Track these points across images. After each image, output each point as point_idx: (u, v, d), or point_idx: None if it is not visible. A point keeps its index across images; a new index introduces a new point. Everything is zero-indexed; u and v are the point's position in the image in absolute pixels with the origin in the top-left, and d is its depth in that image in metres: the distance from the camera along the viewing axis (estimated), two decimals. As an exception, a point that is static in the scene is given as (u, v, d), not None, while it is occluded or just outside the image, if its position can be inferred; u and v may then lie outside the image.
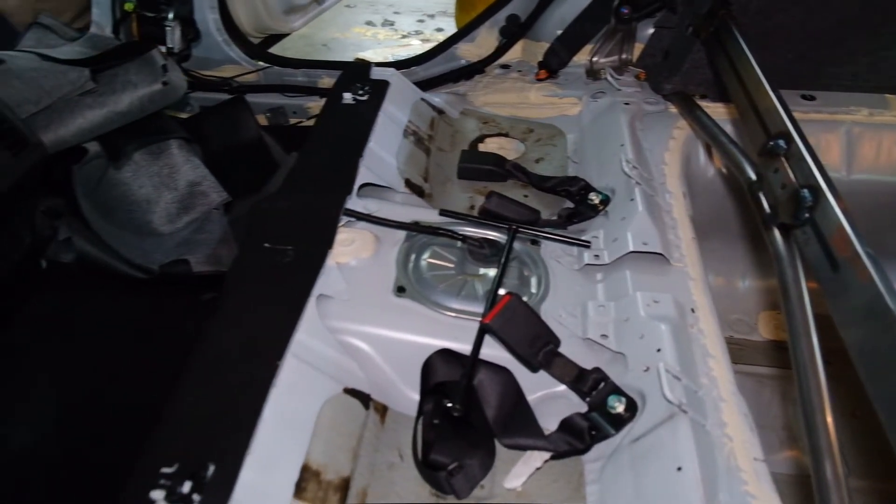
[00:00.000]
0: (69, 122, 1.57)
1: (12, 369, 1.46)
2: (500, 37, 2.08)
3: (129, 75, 1.74)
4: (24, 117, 1.45)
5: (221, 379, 0.98)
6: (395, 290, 1.21)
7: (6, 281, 1.44)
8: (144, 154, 1.77)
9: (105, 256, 1.60)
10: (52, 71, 1.64)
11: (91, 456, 1.34)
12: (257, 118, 2.31)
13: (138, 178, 1.74)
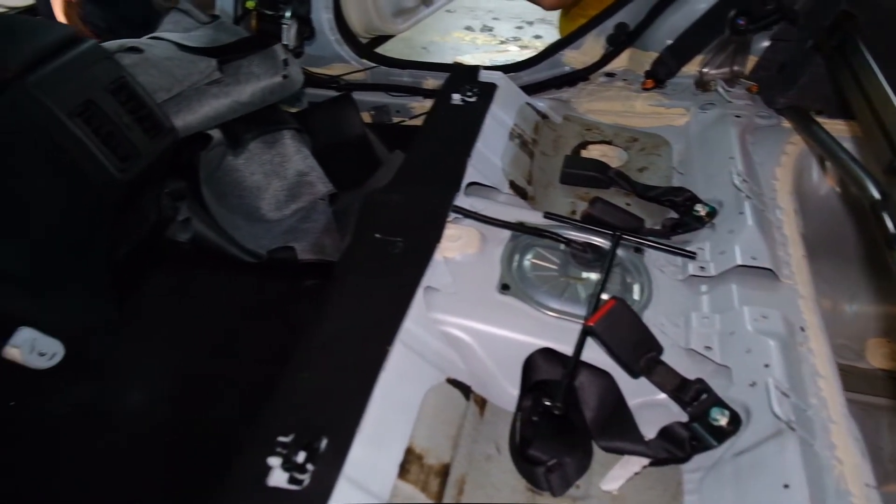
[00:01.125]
0: (196, 109, 1.67)
1: (134, 336, 1.57)
2: (606, 45, 2.08)
3: (252, 67, 1.84)
4: (158, 103, 1.55)
5: (335, 359, 1.03)
6: (499, 288, 1.23)
7: (132, 256, 1.54)
8: (259, 143, 1.86)
9: (219, 239, 1.69)
10: (184, 60, 1.75)
11: (201, 420, 1.43)
12: (362, 115, 2.39)
13: (250, 166, 1.83)
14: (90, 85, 1.31)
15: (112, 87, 1.35)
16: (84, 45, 1.36)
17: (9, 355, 1.49)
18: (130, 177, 1.32)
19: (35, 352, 1.51)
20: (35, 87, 1.22)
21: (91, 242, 1.43)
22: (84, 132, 1.26)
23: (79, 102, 1.27)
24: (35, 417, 1.44)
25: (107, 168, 1.28)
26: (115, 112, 1.33)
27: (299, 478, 0.87)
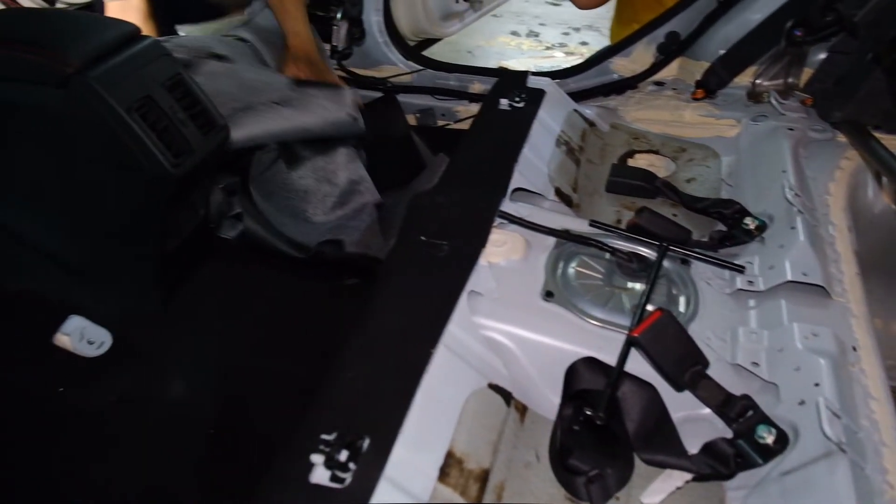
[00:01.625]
0: (262, 124, 1.72)
1: (179, 329, 1.60)
2: (657, 53, 2.06)
3: (322, 100, 1.89)
4: (228, 113, 1.59)
5: (379, 359, 1.04)
6: (543, 295, 1.23)
7: (181, 249, 1.57)
8: (313, 150, 1.90)
9: (268, 234, 1.72)
10: (262, 74, 1.83)
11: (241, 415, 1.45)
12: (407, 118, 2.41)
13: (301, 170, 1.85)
14: (148, 81, 1.34)
15: (169, 83, 1.38)
16: (144, 42, 1.39)
17: (59, 342, 1.54)
18: (183, 172, 1.34)
19: (84, 340, 1.55)
20: (96, 81, 1.25)
21: (143, 235, 1.47)
22: (141, 127, 1.29)
23: (137, 98, 1.30)
24: (81, 404, 1.48)
25: (161, 163, 1.31)
26: (171, 108, 1.36)
27: (341, 476, 0.88)
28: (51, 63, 1.25)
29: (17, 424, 1.43)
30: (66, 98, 1.26)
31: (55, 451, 1.39)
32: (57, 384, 1.49)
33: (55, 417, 1.45)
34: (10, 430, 1.41)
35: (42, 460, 1.36)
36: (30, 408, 1.46)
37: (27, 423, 1.43)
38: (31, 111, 1.31)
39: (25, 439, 1.40)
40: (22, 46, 1.28)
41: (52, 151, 1.38)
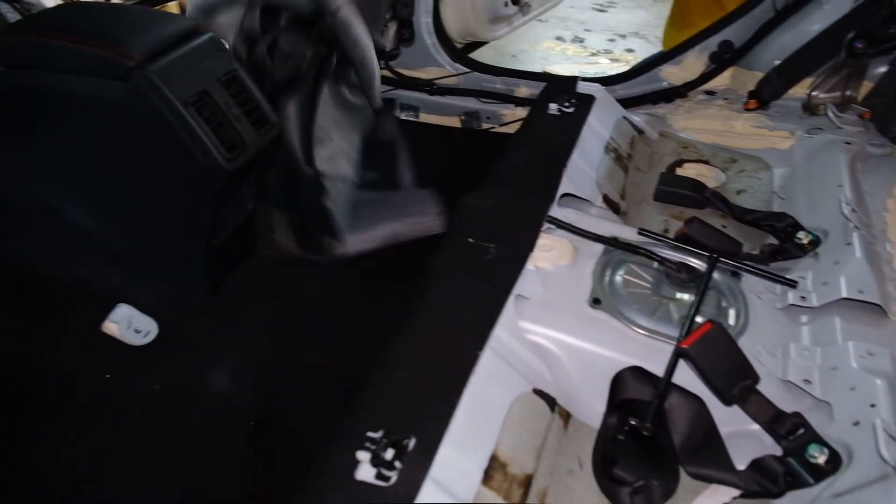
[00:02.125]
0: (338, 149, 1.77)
1: (223, 321, 1.62)
2: (709, 62, 2.03)
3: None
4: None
5: (425, 359, 1.04)
6: (590, 302, 1.22)
7: (227, 242, 1.59)
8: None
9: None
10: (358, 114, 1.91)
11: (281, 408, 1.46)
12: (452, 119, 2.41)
13: None
14: (205, 76, 1.37)
15: (224, 79, 1.40)
16: (202, 38, 1.41)
17: (108, 330, 1.57)
18: (236, 166, 1.36)
19: (132, 328, 1.58)
20: (155, 75, 1.28)
21: (193, 227, 1.49)
22: (196, 121, 1.31)
23: (194, 92, 1.33)
24: (126, 391, 1.50)
25: (215, 157, 1.33)
26: (226, 103, 1.38)
27: (387, 474, 0.88)
28: (113, 57, 1.28)
29: (64, 408, 1.45)
30: (127, 91, 1.29)
31: (98, 436, 1.41)
32: (104, 371, 1.52)
33: (101, 403, 1.47)
34: (56, 413, 1.44)
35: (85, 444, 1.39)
36: (77, 392, 1.49)
37: (73, 407, 1.46)
38: (92, 102, 1.34)
39: (71, 423, 1.43)
40: (86, 40, 1.31)
41: (109, 142, 1.41)
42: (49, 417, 1.43)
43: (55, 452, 1.37)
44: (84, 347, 1.55)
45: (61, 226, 1.62)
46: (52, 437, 1.40)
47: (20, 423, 1.41)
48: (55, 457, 1.36)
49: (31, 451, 1.36)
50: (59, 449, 1.38)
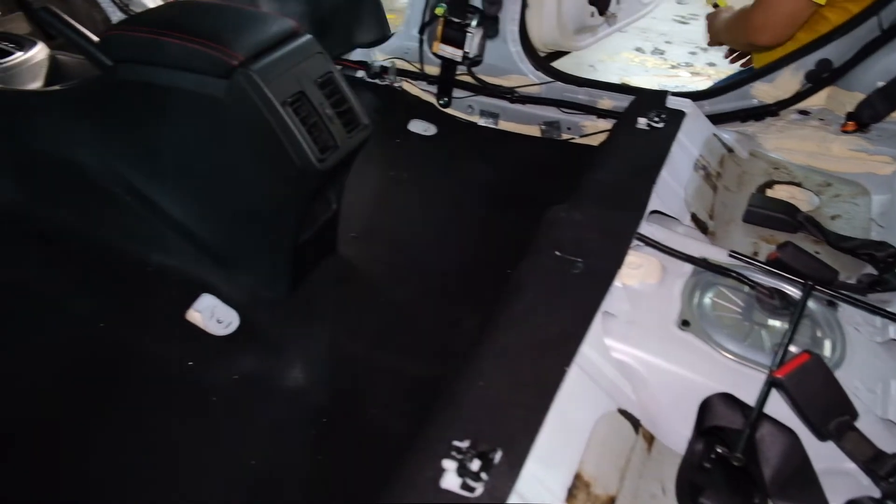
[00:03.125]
0: None
1: (301, 318, 1.65)
2: (804, 81, 1.96)
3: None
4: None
5: (512, 371, 1.03)
6: (678, 323, 1.19)
7: (311, 241, 1.62)
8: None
9: None
10: None
11: (354, 408, 1.47)
12: (532, 128, 2.40)
13: None
14: (303, 77, 1.39)
15: (320, 80, 1.43)
16: (302, 39, 1.44)
17: (192, 318, 1.61)
18: (328, 167, 1.39)
19: (214, 318, 1.62)
20: (257, 75, 1.31)
21: (281, 224, 1.52)
22: (293, 121, 1.33)
23: (292, 93, 1.35)
24: (206, 379, 1.54)
25: (308, 156, 1.35)
26: (321, 104, 1.40)
27: (472, 485, 0.88)
28: (218, 55, 1.32)
29: (148, 390, 1.50)
30: (229, 88, 1.33)
31: (178, 420, 1.45)
32: (186, 358, 1.56)
33: (182, 389, 1.51)
34: (141, 396, 1.48)
35: (165, 427, 1.43)
36: (160, 377, 1.53)
37: (157, 390, 1.50)
38: (195, 98, 1.38)
39: (154, 406, 1.47)
40: (193, 38, 1.35)
41: (208, 138, 1.45)
42: (133, 398, 1.48)
43: (136, 433, 1.41)
44: (168, 334, 1.60)
45: (155, 215, 1.68)
46: (134, 417, 1.44)
47: (105, 402, 1.45)
48: (135, 437, 1.40)
49: (113, 429, 1.40)
50: (140, 430, 1.42)
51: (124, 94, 1.50)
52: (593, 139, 2.31)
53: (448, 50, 2.40)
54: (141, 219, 1.69)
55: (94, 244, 1.75)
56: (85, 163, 1.69)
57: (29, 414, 1.41)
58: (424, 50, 2.50)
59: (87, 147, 1.67)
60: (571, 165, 2.22)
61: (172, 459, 1.37)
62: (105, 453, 1.36)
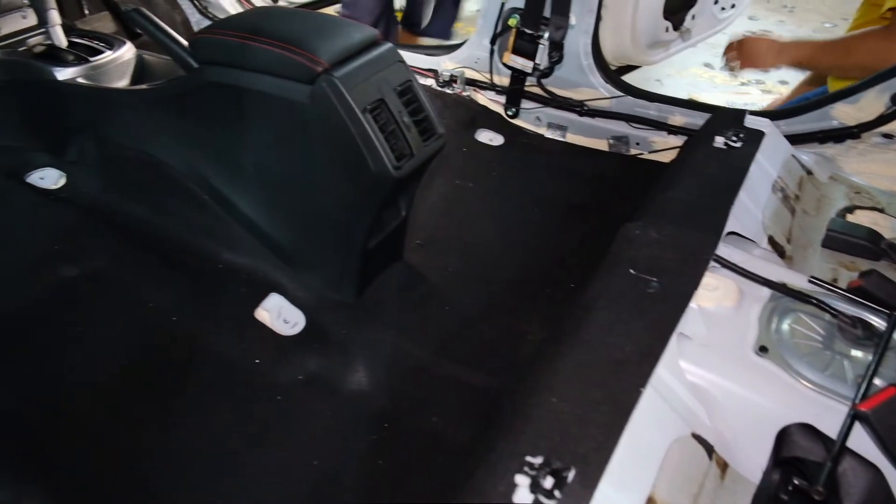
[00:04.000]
0: None
1: (365, 322, 1.66)
2: (890, 103, 1.89)
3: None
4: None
5: (585, 389, 1.02)
6: (756, 349, 1.16)
7: (379, 246, 1.64)
8: None
9: None
10: None
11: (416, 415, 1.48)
12: (600, 142, 2.38)
13: None
14: (383, 85, 1.41)
15: (399, 88, 1.44)
16: (383, 48, 1.47)
17: (260, 317, 1.65)
18: (403, 174, 1.40)
19: (281, 318, 1.65)
20: (341, 81, 1.33)
21: (352, 229, 1.54)
22: (372, 128, 1.35)
23: (372, 100, 1.38)
24: (271, 378, 1.56)
25: (385, 163, 1.37)
26: (399, 112, 1.42)
27: (544, 503, 0.87)
28: (303, 61, 1.35)
29: (216, 385, 1.53)
30: (312, 94, 1.36)
31: (242, 419, 1.48)
32: (253, 355, 1.59)
33: (249, 386, 1.54)
34: (206, 391, 1.52)
35: (228, 426, 1.45)
36: (228, 372, 1.56)
37: (224, 385, 1.53)
38: (278, 102, 1.42)
39: (220, 401, 1.50)
40: (278, 43, 1.38)
41: (288, 141, 1.49)
42: (200, 393, 1.51)
43: (202, 427, 1.45)
44: (237, 331, 1.63)
45: (229, 214, 1.72)
46: (201, 412, 1.48)
47: (173, 395, 1.49)
48: (201, 431, 1.44)
49: (179, 422, 1.44)
50: (205, 425, 1.45)
51: (209, 96, 1.54)
52: (663, 156, 2.28)
53: (519, 61, 2.40)
54: (216, 217, 1.74)
55: (170, 239, 1.80)
56: (166, 160, 1.75)
57: (99, 400, 1.46)
58: (495, 60, 2.50)
59: (169, 145, 1.73)
60: (640, 181, 2.20)
61: (235, 456, 1.40)
62: (169, 445, 1.40)
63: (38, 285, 1.66)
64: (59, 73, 1.85)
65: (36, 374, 1.48)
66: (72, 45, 1.99)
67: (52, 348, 1.54)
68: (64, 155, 1.97)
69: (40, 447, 1.36)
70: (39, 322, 1.59)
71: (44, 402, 1.44)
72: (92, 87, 1.84)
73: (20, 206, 1.88)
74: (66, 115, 1.90)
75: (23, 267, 1.70)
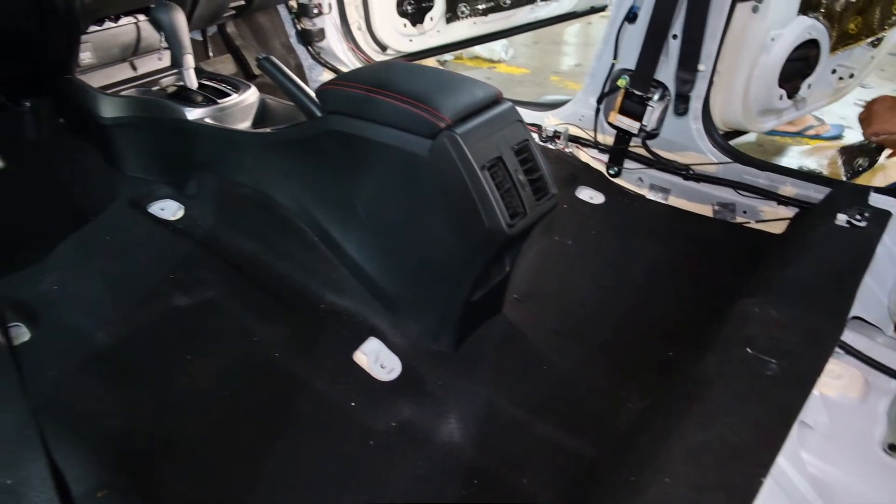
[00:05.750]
0: None
1: (460, 373, 1.66)
2: None
3: None
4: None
5: (700, 474, 0.98)
6: (884, 446, 1.09)
7: (482, 299, 1.64)
8: None
9: None
10: None
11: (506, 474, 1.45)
12: (704, 207, 2.33)
13: None
14: (502, 143, 1.44)
15: (517, 147, 1.46)
16: (503, 107, 1.49)
17: (358, 360, 1.67)
18: (515, 232, 1.41)
19: (378, 363, 1.67)
20: (462, 138, 1.36)
21: (457, 281, 1.55)
22: (489, 185, 1.37)
23: (491, 157, 1.40)
24: (366, 422, 1.57)
25: (499, 220, 1.38)
26: (515, 171, 1.44)
27: (659, 590, 0.84)
28: (427, 116, 1.39)
29: (309, 427, 1.55)
30: (433, 148, 1.39)
31: (334, 460, 1.49)
32: (349, 398, 1.61)
33: (342, 429, 1.56)
34: (301, 430, 1.54)
35: (320, 466, 1.46)
36: (323, 412, 1.58)
37: (317, 427, 1.55)
38: (398, 154, 1.46)
39: (312, 442, 1.52)
40: (404, 98, 1.43)
41: (403, 190, 1.52)
42: (295, 431, 1.53)
43: (294, 465, 1.46)
44: (335, 372, 1.66)
45: (336, 256, 1.77)
46: (294, 450, 1.49)
47: (269, 430, 1.52)
48: (294, 468, 1.45)
49: (272, 458, 1.46)
50: (297, 463, 1.47)
51: (330, 143, 1.60)
52: (772, 226, 2.21)
53: (625, 121, 2.40)
54: (323, 258, 1.79)
55: (278, 276, 1.86)
56: (281, 201, 1.82)
57: (200, 428, 1.50)
58: (600, 119, 2.51)
59: (284, 186, 1.80)
60: (746, 251, 2.14)
61: (325, 497, 1.40)
62: (262, 478, 1.42)
63: (153, 311, 1.74)
64: (189, 112, 1.97)
65: (144, 398, 1.54)
66: (201, 87, 2.11)
67: (161, 374, 1.60)
68: (184, 188, 2.08)
69: (144, 469, 1.41)
70: (151, 347, 1.66)
71: (149, 426, 1.49)
72: (217, 128, 1.94)
73: (141, 234, 1.98)
74: (191, 152, 2.01)
75: (140, 293, 1.79)
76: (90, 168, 2.17)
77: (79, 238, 1.91)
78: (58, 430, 1.41)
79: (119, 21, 2.09)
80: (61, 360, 1.57)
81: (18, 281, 1.75)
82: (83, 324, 1.67)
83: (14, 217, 1.93)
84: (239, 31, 3.03)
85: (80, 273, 1.80)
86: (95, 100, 2.02)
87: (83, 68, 2.08)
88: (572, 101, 2.60)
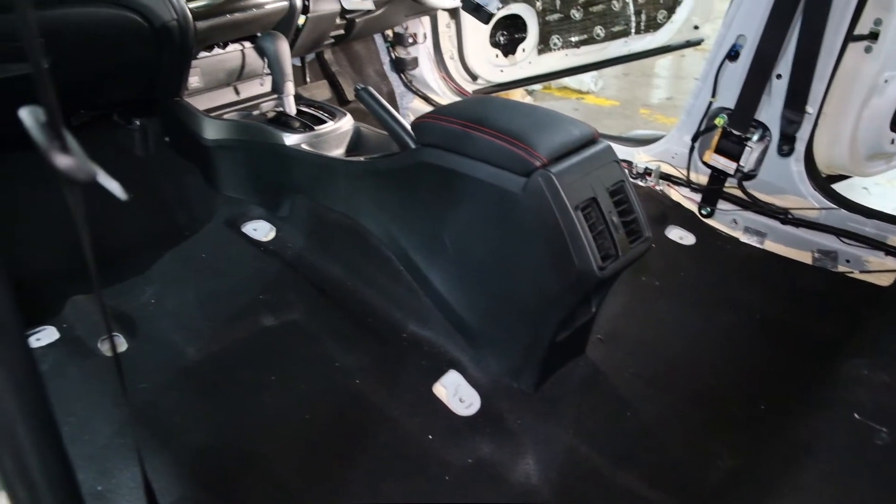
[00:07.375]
0: None
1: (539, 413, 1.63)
2: None
3: None
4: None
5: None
6: None
7: (566, 340, 1.61)
8: None
9: None
10: None
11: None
12: (803, 254, 2.23)
13: None
14: (596, 183, 1.41)
15: (611, 188, 1.44)
16: (599, 147, 1.47)
17: (437, 392, 1.66)
18: (606, 274, 1.38)
19: (457, 396, 1.66)
20: (557, 177, 1.35)
21: (544, 320, 1.53)
22: (582, 226, 1.35)
23: (585, 198, 1.38)
24: (442, 457, 1.56)
25: (590, 262, 1.35)
26: (609, 212, 1.41)
27: None
28: (522, 154, 1.38)
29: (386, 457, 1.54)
30: (527, 187, 1.38)
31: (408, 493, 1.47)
32: (427, 431, 1.60)
33: (418, 462, 1.55)
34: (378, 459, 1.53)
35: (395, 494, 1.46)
36: (400, 446, 1.57)
37: (393, 459, 1.54)
38: (490, 189, 1.46)
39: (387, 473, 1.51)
40: (499, 134, 1.43)
41: (493, 226, 1.52)
42: (371, 461, 1.53)
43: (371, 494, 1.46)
44: (414, 404, 1.65)
45: (421, 286, 1.77)
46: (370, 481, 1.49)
47: (345, 458, 1.52)
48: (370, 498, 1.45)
49: (348, 487, 1.46)
50: (375, 491, 1.46)
51: (422, 175, 1.62)
52: (879, 277, 2.08)
53: (721, 161, 2.33)
54: (408, 287, 1.80)
55: (362, 302, 1.88)
56: (370, 228, 1.84)
57: (281, 449, 1.52)
58: (694, 157, 2.44)
59: (374, 213, 1.83)
60: (848, 303, 2.03)
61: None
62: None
63: (242, 330, 1.79)
64: (287, 138, 2.03)
65: (228, 416, 1.58)
66: (298, 113, 2.18)
67: (246, 393, 1.63)
68: (277, 210, 2.14)
69: (227, 488, 1.43)
70: (237, 366, 1.70)
71: (233, 443, 1.52)
72: (313, 154, 1.99)
73: (234, 253, 2.04)
74: (286, 176, 2.07)
75: (230, 311, 1.84)
76: (190, 186, 2.27)
77: (177, 253, 2.00)
78: (146, 441, 1.46)
79: (227, 48, 2.18)
80: (153, 373, 1.63)
81: (122, 292, 1.83)
82: (176, 338, 1.73)
83: (119, 229, 2.03)
84: (336, 58, 3.12)
85: (176, 287, 1.88)
86: (201, 122, 2.11)
87: (191, 91, 2.18)
88: (665, 139, 2.55)
